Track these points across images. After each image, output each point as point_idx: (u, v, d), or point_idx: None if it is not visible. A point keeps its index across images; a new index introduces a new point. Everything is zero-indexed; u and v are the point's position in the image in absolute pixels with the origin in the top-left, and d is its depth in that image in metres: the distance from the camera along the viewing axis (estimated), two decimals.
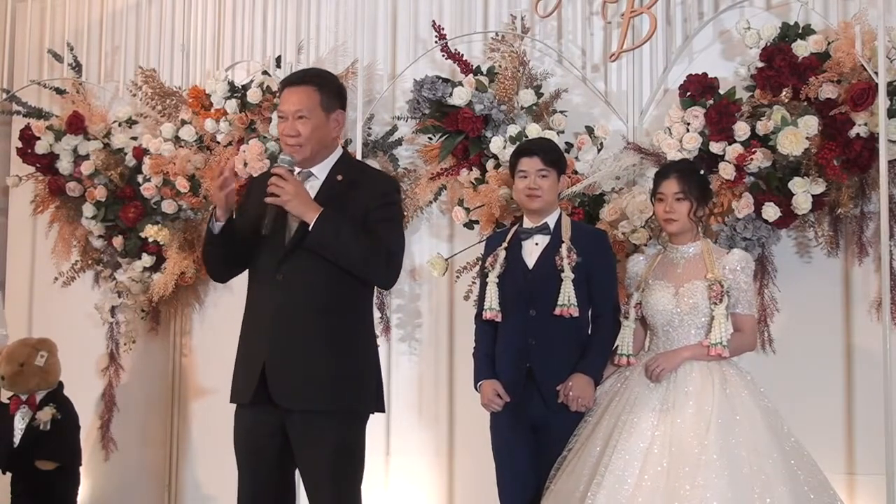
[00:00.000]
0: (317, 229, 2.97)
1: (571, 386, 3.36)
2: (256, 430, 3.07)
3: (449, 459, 4.73)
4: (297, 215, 3.00)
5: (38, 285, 5.71)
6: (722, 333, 3.26)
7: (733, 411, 3.15)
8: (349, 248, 2.98)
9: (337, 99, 3.16)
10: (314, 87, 3.10)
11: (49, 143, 5.27)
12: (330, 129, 3.13)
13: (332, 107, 3.13)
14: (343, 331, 3.05)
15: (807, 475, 3.10)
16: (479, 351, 3.58)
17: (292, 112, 3.08)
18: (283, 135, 3.10)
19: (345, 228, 2.98)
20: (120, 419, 5.42)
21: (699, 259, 3.39)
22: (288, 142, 3.10)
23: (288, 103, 3.10)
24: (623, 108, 4.45)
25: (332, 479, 3.01)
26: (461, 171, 4.47)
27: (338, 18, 5.07)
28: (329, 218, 2.98)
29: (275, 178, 3.00)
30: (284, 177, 2.99)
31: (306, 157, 3.10)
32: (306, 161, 3.12)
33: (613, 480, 3.07)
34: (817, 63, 3.93)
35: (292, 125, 3.07)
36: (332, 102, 3.13)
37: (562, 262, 3.41)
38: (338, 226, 2.97)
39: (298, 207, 2.98)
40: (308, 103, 3.07)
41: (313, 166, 3.14)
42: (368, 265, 3.02)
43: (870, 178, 3.94)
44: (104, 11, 5.66)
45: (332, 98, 3.14)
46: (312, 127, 3.07)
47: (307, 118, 3.07)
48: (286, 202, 2.98)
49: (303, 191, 3.02)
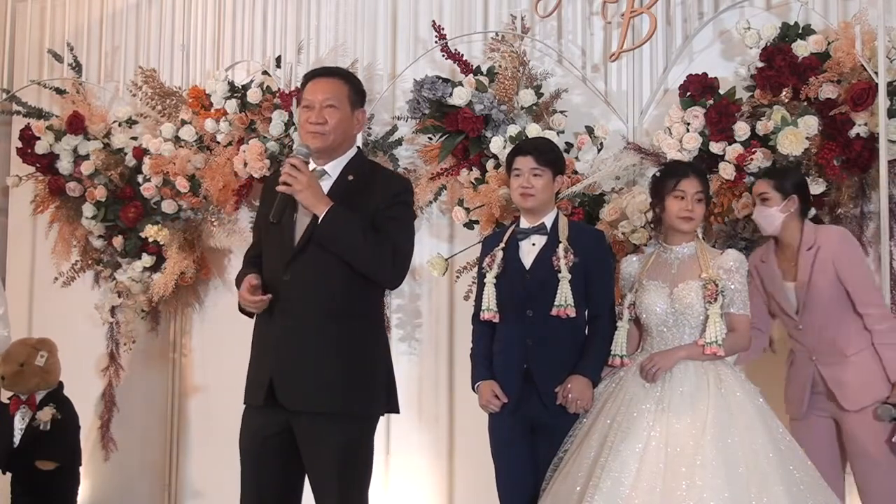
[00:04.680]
0: (326, 222, 2.95)
1: (570, 388, 3.35)
2: (263, 431, 3.06)
3: (449, 459, 4.73)
4: (308, 207, 2.99)
5: (38, 285, 5.72)
6: (717, 333, 3.26)
7: (729, 411, 3.15)
8: (356, 244, 2.97)
9: (361, 98, 3.17)
10: (344, 81, 3.13)
11: (49, 143, 5.28)
12: (353, 124, 3.13)
13: (358, 104, 3.14)
14: (350, 333, 3.03)
15: (803, 474, 3.10)
16: (476, 352, 3.57)
17: (321, 101, 3.06)
18: (307, 123, 3.07)
19: (353, 224, 2.97)
20: (120, 419, 5.42)
21: (693, 259, 3.39)
22: (312, 129, 3.06)
23: (316, 93, 3.09)
24: (623, 108, 4.45)
25: (339, 481, 3.01)
26: (461, 171, 4.47)
27: (338, 18, 5.08)
28: (339, 212, 2.97)
29: (289, 167, 2.98)
30: (299, 167, 2.97)
31: (327, 146, 3.07)
32: (324, 152, 3.09)
33: (610, 481, 3.06)
34: (817, 63, 3.93)
35: (319, 113, 3.06)
36: (358, 100, 3.15)
37: (558, 263, 3.40)
38: (347, 221, 2.97)
39: (309, 199, 2.97)
40: (338, 93, 3.08)
41: (329, 162, 3.11)
42: (374, 262, 3.01)
43: (870, 178, 3.94)
44: (104, 11, 5.66)
45: (358, 96, 3.15)
46: (340, 117, 3.07)
47: (336, 108, 3.06)
48: (298, 192, 2.96)
49: (315, 183, 3.00)
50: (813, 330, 3.52)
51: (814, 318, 3.50)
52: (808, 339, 3.54)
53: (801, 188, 3.59)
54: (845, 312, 3.49)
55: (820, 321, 3.50)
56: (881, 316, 3.50)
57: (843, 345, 3.47)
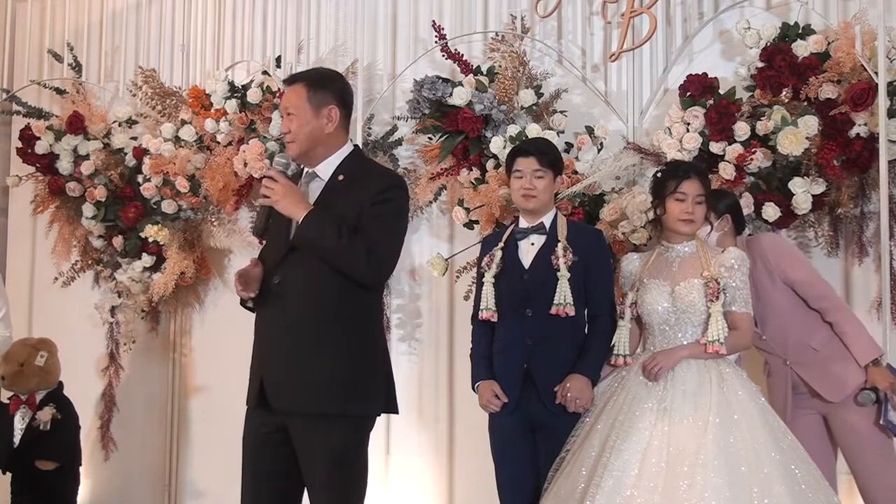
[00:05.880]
0: (303, 227, 2.99)
1: (569, 387, 3.36)
2: (261, 430, 3.08)
3: (449, 459, 4.73)
4: (288, 215, 3.04)
5: (38, 285, 5.72)
6: (719, 331, 3.26)
7: (731, 410, 3.15)
8: (332, 245, 2.97)
9: (331, 95, 3.14)
10: (303, 84, 3.13)
11: (49, 143, 5.28)
12: (321, 124, 3.11)
13: (324, 102, 3.11)
14: (342, 333, 3.03)
15: (804, 474, 3.10)
16: (475, 352, 3.57)
17: (284, 110, 3.14)
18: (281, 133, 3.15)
19: (330, 225, 2.98)
20: (120, 419, 5.42)
21: (694, 258, 3.39)
22: (285, 139, 3.17)
23: (283, 102, 3.19)
24: (623, 108, 4.45)
25: (331, 482, 3.01)
26: (461, 171, 4.47)
27: (338, 18, 5.08)
28: (317, 216, 3.00)
29: (266, 179, 3.05)
30: (275, 178, 3.04)
31: (300, 152, 3.13)
32: (304, 157, 3.15)
33: (612, 481, 3.06)
34: (817, 63, 3.93)
35: (285, 122, 3.14)
36: (324, 98, 3.12)
37: (557, 262, 3.41)
38: (323, 223, 2.98)
39: (288, 207, 3.02)
40: (295, 100, 3.11)
41: (316, 165, 3.14)
42: (348, 262, 3.00)
43: (870, 178, 3.94)
44: (104, 11, 5.66)
45: (324, 94, 3.12)
46: (299, 123, 3.10)
47: (294, 115, 3.11)
48: (276, 202, 3.02)
49: (292, 191, 3.04)
50: (777, 337, 3.59)
51: (774, 327, 3.56)
52: (776, 347, 3.60)
53: (734, 209, 3.65)
54: (801, 310, 3.57)
55: (781, 326, 3.57)
56: (835, 307, 3.58)
57: (809, 341, 3.55)
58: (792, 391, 3.58)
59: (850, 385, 3.50)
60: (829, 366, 3.53)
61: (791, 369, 3.58)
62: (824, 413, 3.57)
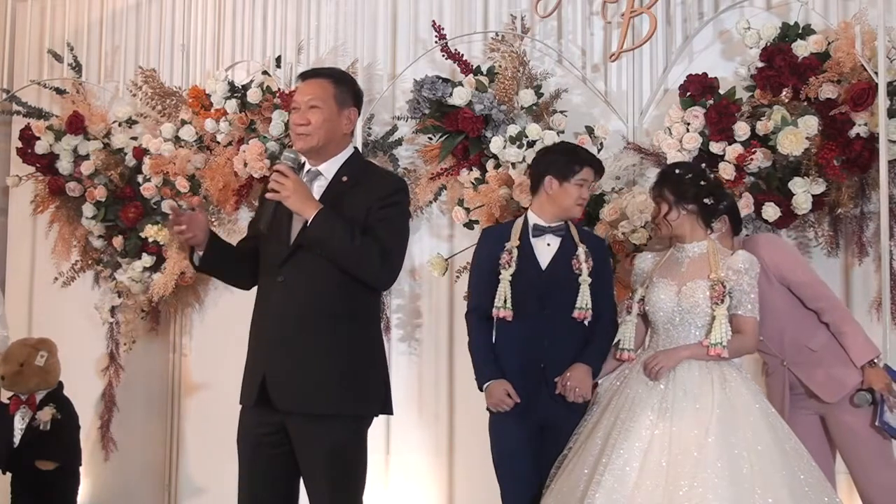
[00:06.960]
0: (313, 225, 2.96)
1: (570, 376, 3.36)
2: (258, 430, 3.07)
3: (449, 458, 4.73)
4: (297, 212, 3.00)
5: (38, 285, 5.71)
6: (722, 334, 3.26)
7: (733, 411, 3.15)
8: (344, 246, 2.96)
9: (351, 97, 3.16)
10: (329, 80, 3.12)
11: (49, 143, 5.27)
12: (341, 123, 3.12)
13: (346, 103, 3.13)
14: (343, 334, 3.03)
15: (807, 476, 3.09)
16: (479, 348, 3.52)
17: (305, 101, 3.08)
18: (294, 125, 3.10)
19: (341, 226, 2.97)
20: (120, 419, 5.42)
21: (703, 259, 3.38)
22: (297, 131, 3.09)
23: (302, 94, 3.11)
24: (623, 108, 4.45)
25: (331, 482, 3.01)
26: (461, 171, 4.47)
27: (338, 18, 5.08)
28: (327, 215, 2.97)
29: (275, 174, 3.00)
30: (285, 173, 2.99)
31: (313, 146, 3.09)
32: (313, 153, 3.11)
33: (613, 480, 3.06)
34: (817, 63, 3.93)
35: (303, 114, 3.08)
36: (347, 98, 3.13)
37: (580, 266, 3.45)
38: (334, 223, 2.97)
39: (297, 203, 2.98)
40: (321, 94, 3.08)
41: (322, 163, 3.12)
42: (361, 263, 3.00)
43: (870, 178, 3.95)
44: (104, 11, 5.65)
45: (347, 95, 3.14)
46: (323, 117, 3.07)
47: (319, 108, 3.07)
48: (285, 198, 2.98)
49: (302, 188, 3.01)
50: (774, 338, 3.58)
51: (771, 327, 3.55)
52: (773, 347, 3.60)
53: (731, 209, 3.64)
54: (798, 311, 3.56)
55: (778, 327, 3.56)
56: (832, 307, 3.58)
57: (806, 342, 3.55)
58: (789, 391, 3.58)
59: (847, 386, 3.50)
60: (826, 366, 3.52)
61: (788, 370, 3.58)
62: (821, 413, 3.57)
